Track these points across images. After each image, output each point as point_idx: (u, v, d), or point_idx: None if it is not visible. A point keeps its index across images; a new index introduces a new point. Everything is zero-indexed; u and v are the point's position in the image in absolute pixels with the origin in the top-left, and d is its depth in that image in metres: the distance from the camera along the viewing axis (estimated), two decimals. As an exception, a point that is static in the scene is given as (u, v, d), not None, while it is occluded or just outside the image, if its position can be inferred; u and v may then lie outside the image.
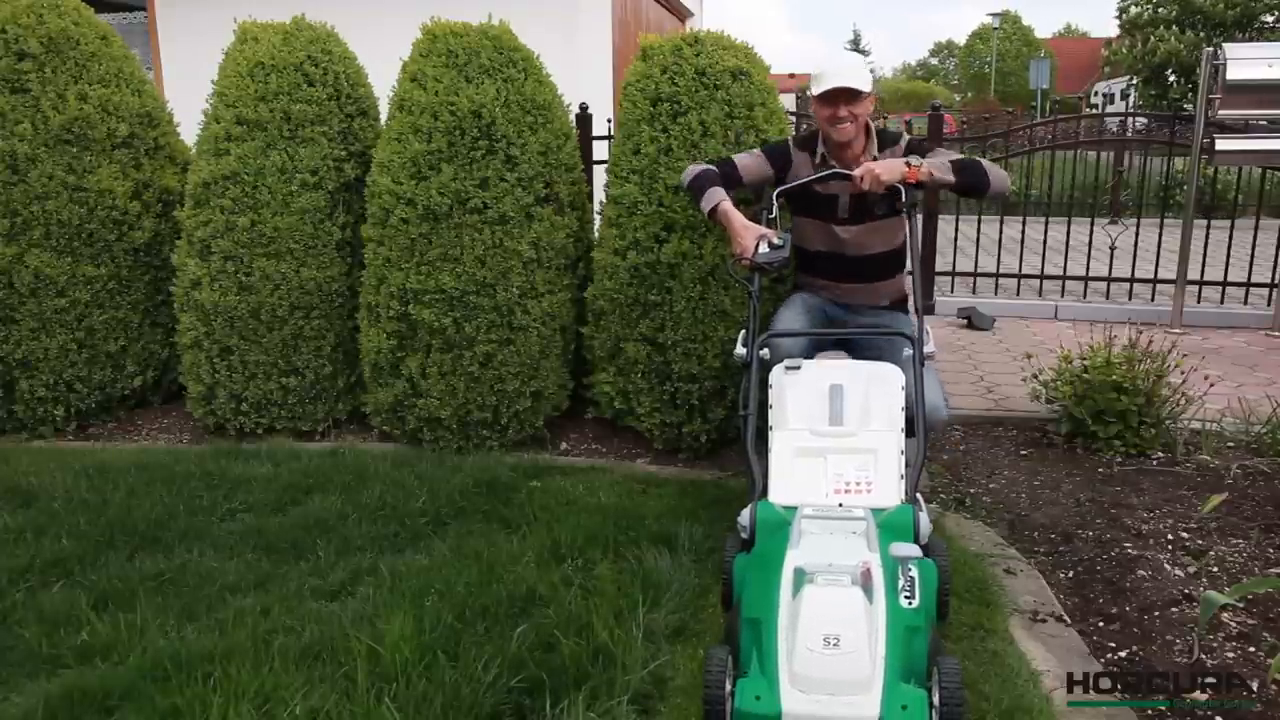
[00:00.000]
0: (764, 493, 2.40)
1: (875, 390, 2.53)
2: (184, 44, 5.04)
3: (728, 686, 1.90)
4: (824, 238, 3.13)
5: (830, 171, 2.98)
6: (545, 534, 2.78)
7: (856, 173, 2.81)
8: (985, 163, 2.95)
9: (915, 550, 2.06)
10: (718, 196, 2.96)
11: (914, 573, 2.08)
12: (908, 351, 2.64)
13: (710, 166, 3.07)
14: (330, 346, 3.88)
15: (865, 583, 1.94)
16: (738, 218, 2.89)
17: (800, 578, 1.97)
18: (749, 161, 3.12)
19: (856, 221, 3.07)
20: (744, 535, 2.36)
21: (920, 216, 2.94)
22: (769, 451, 2.49)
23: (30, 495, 3.18)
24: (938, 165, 2.85)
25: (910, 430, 2.53)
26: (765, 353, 2.73)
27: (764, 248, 2.79)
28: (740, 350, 2.82)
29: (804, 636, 1.87)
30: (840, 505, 2.33)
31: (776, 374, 2.62)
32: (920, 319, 2.81)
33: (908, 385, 2.56)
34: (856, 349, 2.97)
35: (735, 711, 1.85)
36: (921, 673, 1.92)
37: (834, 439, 2.46)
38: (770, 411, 2.57)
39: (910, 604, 2.03)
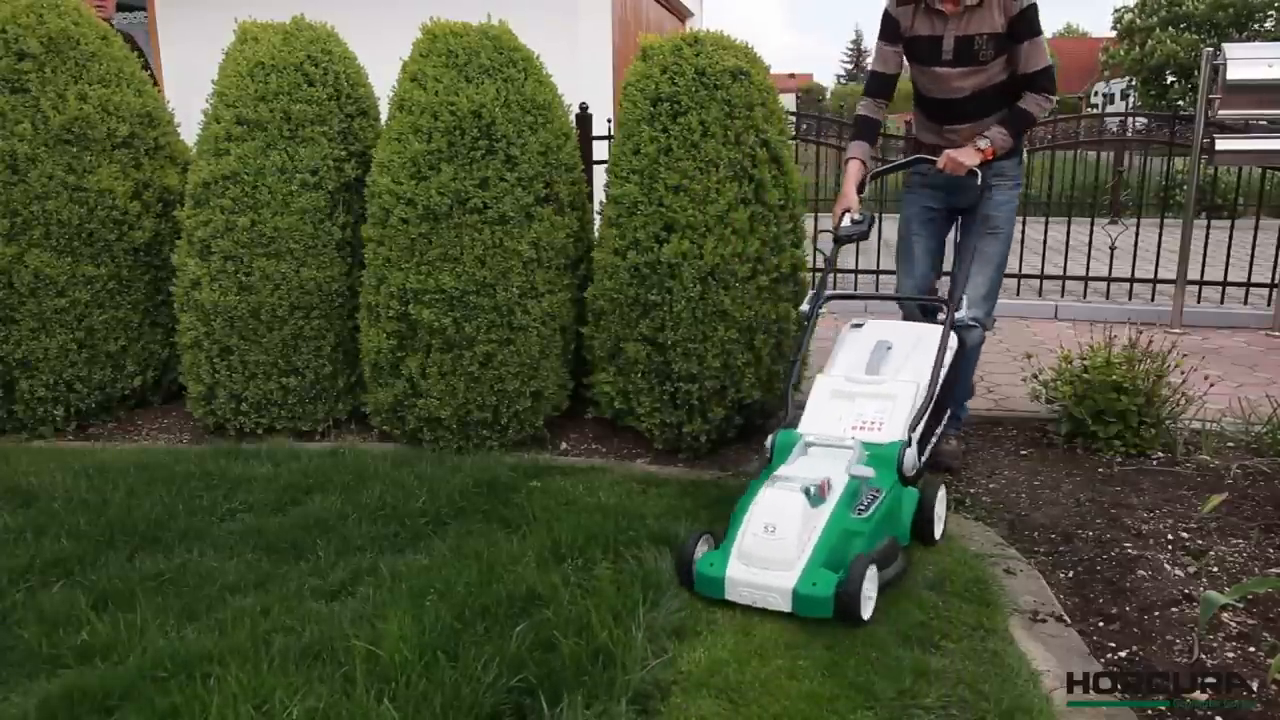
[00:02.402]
0: (792, 424, 2.90)
1: (919, 350, 3.01)
2: (184, 44, 5.04)
3: (696, 555, 2.52)
4: (930, 81, 3.41)
5: (915, 157, 3.49)
6: (545, 534, 2.78)
7: (940, 162, 3.24)
8: (1029, 110, 3.27)
9: (868, 471, 2.58)
10: (852, 152, 3.46)
11: (877, 492, 2.60)
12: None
13: (867, 109, 3.51)
14: (330, 346, 3.88)
15: (822, 493, 2.49)
16: (845, 185, 3.39)
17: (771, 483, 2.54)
18: (882, 65, 3.48)
19: (958, 65, 3.31)
20: (767, 456, 2.82)
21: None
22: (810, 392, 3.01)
23: (30, 495, 3.17)
24: (999, 137, 3.25)
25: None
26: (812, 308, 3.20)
27: (846, 221, 3.27)
28: (804, 307, 3.24)
29: (752, 524, 2.47)
30: (851, 438, 2.75)
31: (842, 330, 3.22)
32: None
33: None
34: (950, 194, 3.46)
35: (696, 574, 2.48)
36: (862, 545, 2.48)
37: (865, 385, 2.95)
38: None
39: (860, 515, 2.53)
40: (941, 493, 2.89)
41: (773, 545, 2.42)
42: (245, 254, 3.74)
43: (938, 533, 2.84)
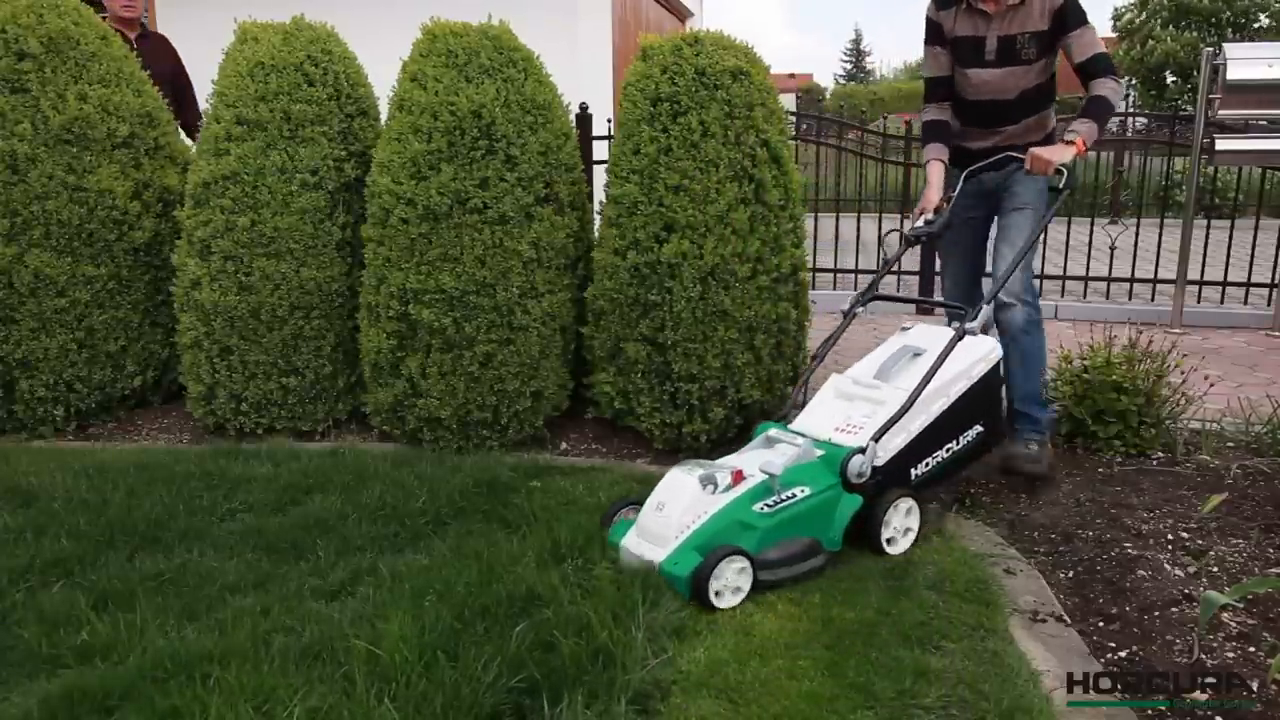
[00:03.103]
0: (785, 418, 3.01)
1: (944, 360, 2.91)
2: (184, 44, 5.05)
3: (614, 520, 2.74)
4: (974, 85, 3.41)
5: (1003, 156, 3.40)
6: (545, 534, 2.78)
7: (1028, 163, 3.22)
8: (1105, 96, 3.21)
9: (775, 468, 2.59)
10: (931, 153, 3.47)
11: (800, 491, 2.61)
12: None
13: (942, 112, 3.50)
14: (330, 346, 3.88)
15: (734, 482, 2.59)
16: (929, 186, 3.41)
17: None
18: (935, 67, 3.49)
19: (1002, 65, 3.32)
20: None
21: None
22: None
23: (30, 495, 3.17)
24: (1087, 129, 3.18)
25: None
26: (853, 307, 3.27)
27: (920, 221, 3.35)
28: (844, 306, 3.31)
29: (652, 500, 2.62)
30: (830, 439, 2.81)
31: (896, 332, 3.23)
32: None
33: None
34: (989, 198, 3.50)
35: (608, 540, 2.68)
36: (748, 546, 2.50)
37: (865, 389, 2.96)
38: None
39: (763, 510, 2.56)
40: (905, 505, 2.75)
41: (659, 521, 2.55)
42: (245, 254, 3.74)
43: (889, 545, 2.72)
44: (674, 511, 2.54)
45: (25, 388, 3.93)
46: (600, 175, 4.18)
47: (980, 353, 2.98)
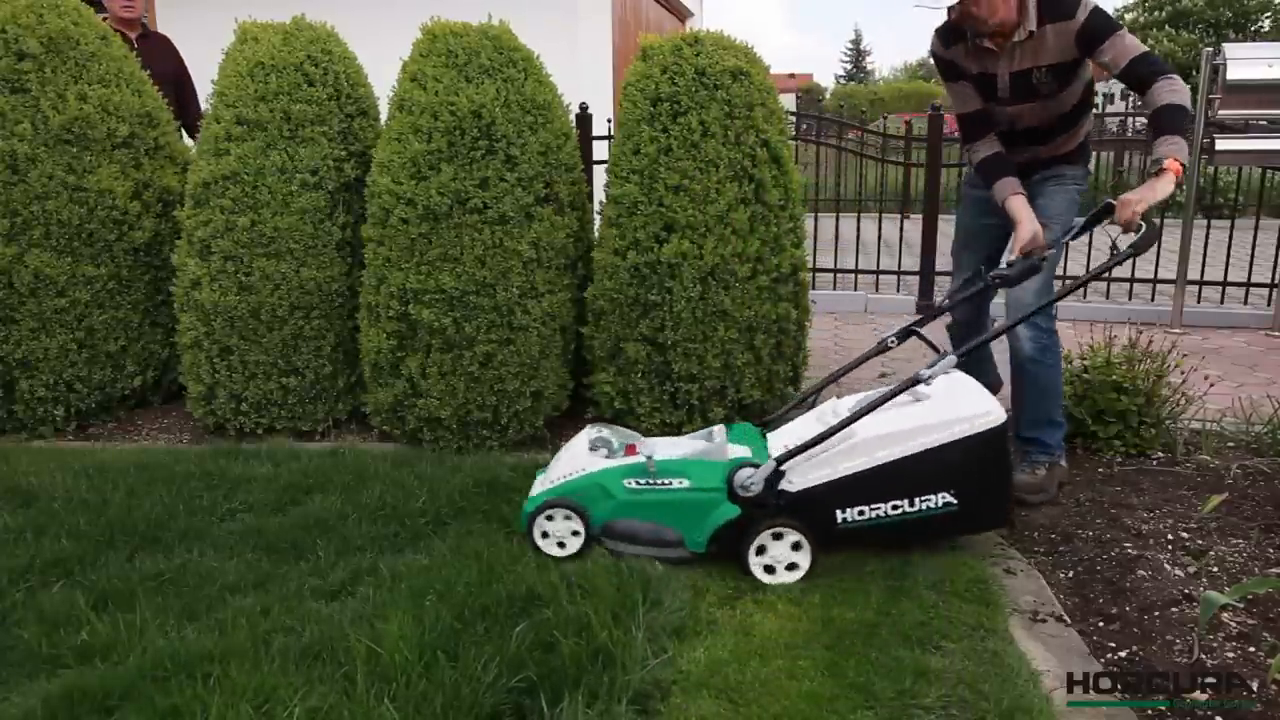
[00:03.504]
0: (766, 424, 3.02)
1: (922, 401, 2.72)
2: (184, 44, 5.05)
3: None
4: (1001, 115, 3.19)
5: (1103, 206, 2.86)
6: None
7: (1120, 216, 2.68)
8: (1173, 103, 2.74)
9: (655, 452, 2.72)
10: (1009, 188, 3.07)
11: (677, 480, 2.67)
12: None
13: (991, 146, 3.17)
14: (330, 346, 3.88)
15: (627, 453, 2.78)
16: (1024, 216, 2.99)
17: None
18: (962, 104, 3.21)
19: (1020, 101, 3.11)
20: None
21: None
22: None
23: (30, 495, 3.17)
24: (1171, 148, 2.67)
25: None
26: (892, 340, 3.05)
27: (1004, 261, 3.01)
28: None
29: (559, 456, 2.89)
30: (770, 453, 2.78)
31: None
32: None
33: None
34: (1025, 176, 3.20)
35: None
36: (595, 515, 2.70)
37: (833, 417, 2.77)
38: None
39: (629, 485, 2.68)
40: (793, 539, 2.60)
41: (549, 469, 2.87)
42: (245, 254, 3.74)
43: (763, 572, 2.60)
44: (561, 463, 2.82)
45: (25, 388, 3.93)
46: (600, 175, 4.19)
47: (965, 412, 2.63)
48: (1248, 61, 5.46)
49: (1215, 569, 2.70)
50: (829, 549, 2.68)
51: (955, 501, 2.62)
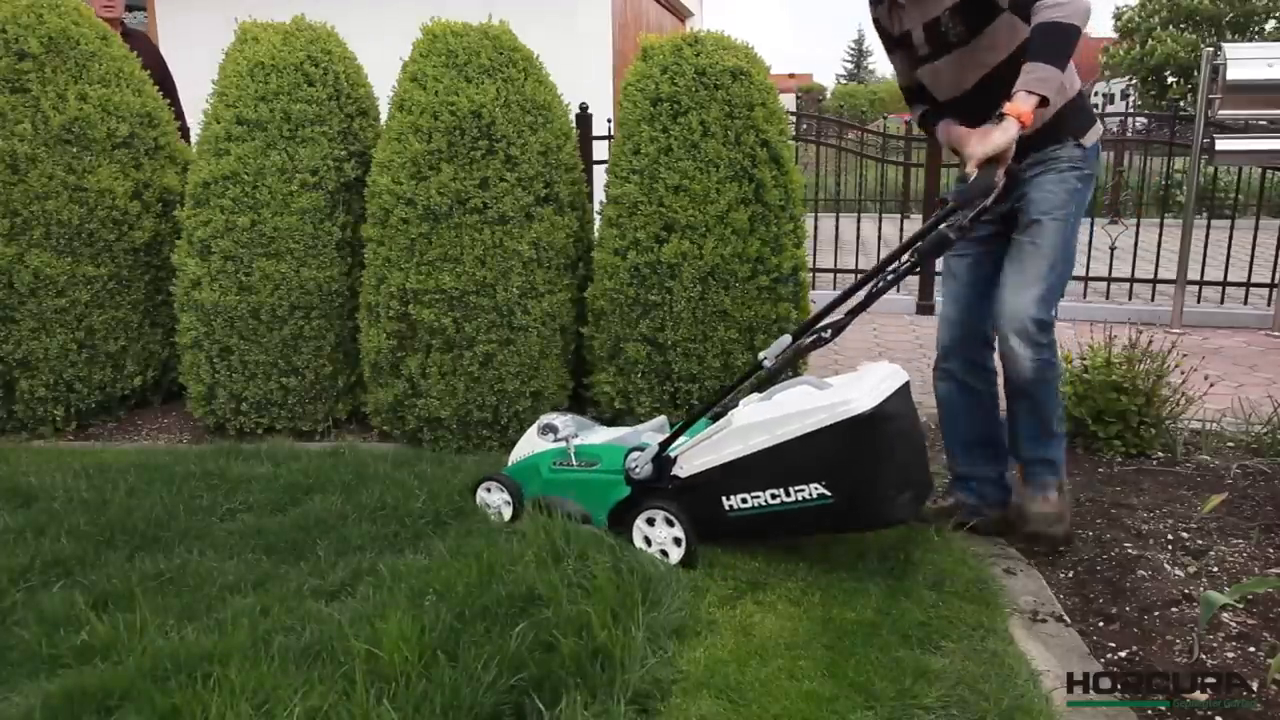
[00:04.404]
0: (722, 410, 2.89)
1: (799, 401, 2.65)
2: (184, 44, 5.05)
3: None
4: (932, 85, 2.76)
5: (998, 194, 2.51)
6: (545, 534, 2.78)
7: (969, 165, 2.43)
8: (1051, 21, 2.34)
9: (575, 438, 2.96)
10: (946, 125, 2.75)
11: (590, 463, 2.90)
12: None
13: (920, 108, 2.88)
14: (330, 346, 3.88)
15: (558, 437, 2.97)
16: (961, 134, 2.60)
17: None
18: (901, 76, 2.89)
19: (939, 55, 2.67)
20: None
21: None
22: None
23: (30, 495, 3.17)
24: (1041, 82, 2.34)
25: None
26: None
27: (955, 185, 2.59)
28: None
29: None
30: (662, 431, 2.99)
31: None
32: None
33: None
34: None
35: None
36: (528, 491, 2.98)
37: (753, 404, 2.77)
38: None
39: (553, 466, 2.93)
40: (663, 517, 2.71)
41: (514, 452, 3.16)
42: (245, 254, 3.74)
43: (637, 543, 2.74)
44: (519, 446, 3.12)
45: (25, 388, 3.93)
46: (600, 175, 4.18)
47: (825, 402, 2.56)
48: (1248, 61, 5.46)
49: (1215, 569, 2.70)
50: (723, 538, 2.75)
51: (829, 494, 2.56)
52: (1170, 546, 2.85)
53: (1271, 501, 3.14)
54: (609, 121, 5.56)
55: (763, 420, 2.62)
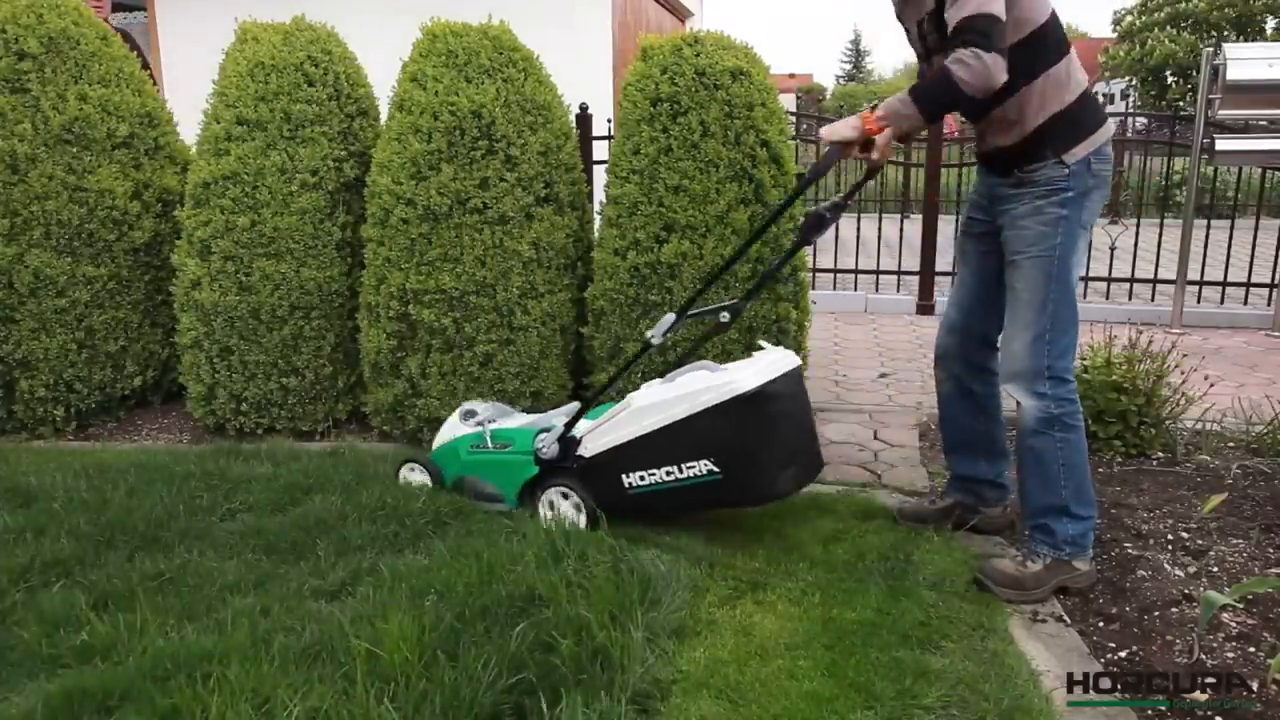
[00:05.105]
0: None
1: (693, 383, 2.78)
2: (184, 44, 5.05)
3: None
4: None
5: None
6: (544, 534, 2.78)
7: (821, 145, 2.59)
8: (943, 68, 2.33)
9: (491, 423, 3.15)
10: None
11: (504, 445, 3.06)
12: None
13: None
14: (330, 346, 3.88)
15: (477, 422, 3.16)
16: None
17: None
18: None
19: (930, 56, 2.58)
20: None
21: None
22: None
23: (30, 495, 3.17)
24: (891, 104, 2.44)
25: None
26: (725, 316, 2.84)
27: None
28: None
29: None
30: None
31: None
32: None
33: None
34: (991, 205, 2.67)
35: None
36: (448, 473, 3.17)
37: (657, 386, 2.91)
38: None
39: (471, 449, 3.10)
40: (562, 491, 2.94)
41: (438, 436, 3.30)
42: (245, 254, 3.74)
43: (544, 520, 2.92)
44: (442, 430, 3.26)
45: (25, 388, 3.93)
46: (600, 175, 4.18)
47: (713, 382, 2.70)
48: (1248, 61, 5.46)
49: (1215, 569, 2.70)
50: (625, 513, 2.88)
51: (718, 470, 2.70)
52: (1170, 546, 2.85)
53: (1271, 501, 3.14)
54: (609, 121, 5.56)
55: (657, 401, 2.78)
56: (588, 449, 2.91)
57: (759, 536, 2.87)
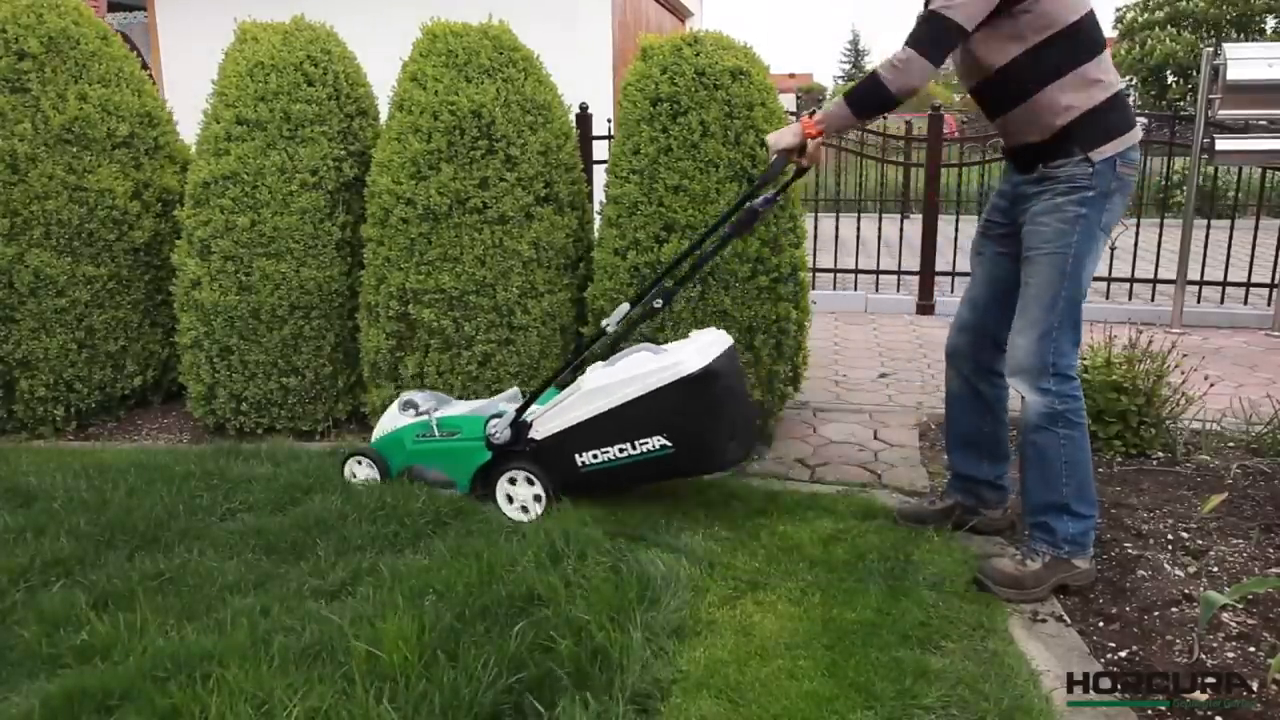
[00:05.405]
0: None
1: (639, 365, 2.93)
2: (184, 44, 5.05)
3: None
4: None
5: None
6: (544, 534, 2.78)
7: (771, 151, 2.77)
8: (873, 72, 2.48)
9: (434, 411, 3.19)
10: None
11: (452, 433, 3.13)
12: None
13: None
14: (330, 346, 3.88)
15: (418, 412, 3.22)
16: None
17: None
18: None
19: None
20: None
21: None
22: None
23: (30, 495, 3.17)
24: (830, 108, 2.59)
25: None
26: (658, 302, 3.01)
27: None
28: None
29: None
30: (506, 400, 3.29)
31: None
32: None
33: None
34: (1012, 205, 2.68)
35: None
36: (393, 463, 3.23)
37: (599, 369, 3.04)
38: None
39: (417, 439, 3.17)
40: (524, 476, 3.03)
41: (376, 427, 3.36)
42: (245, 254, 3.74)
43: (517, 511, 3.05)
44: (382, 421, 3.32)
45: (25, 388, 3.93)
46: (600, 175, 4.18)
47: (661, 364, 2.86)
48: (1248, 61, 5.46)
49: (1215, 569, 2.70)
50: (578, 491, 3.01)
51: (670, 444, 2.88)
52: (1170, 546, 2.85)
53: (1271, 501, 3.14)
54: (609, 121, 5.56)
55: (607, 384, 2.91)
56: (539, 432, 3.03)
57: (759, 536, 2.87)
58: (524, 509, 3.05)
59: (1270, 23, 24.87)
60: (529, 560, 2.63)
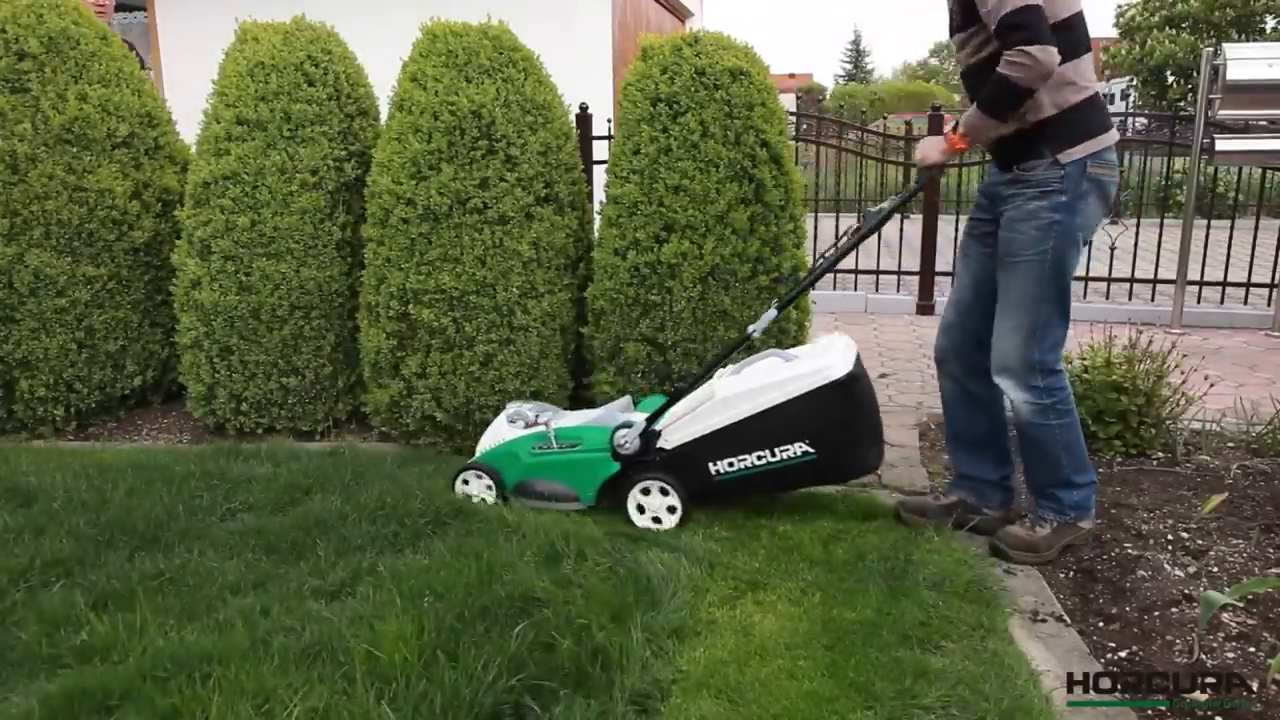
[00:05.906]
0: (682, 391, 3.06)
1: (782, 365, 2.94)
2: (184, 44, 5.05)
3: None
4: None
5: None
6: (544, 534, 2.78)
7: (916, 154, 2.81)
8: (998, 74, 2.43)
9: (553, 422, 3.11)
10: None
11: (572, 445, 3.03)
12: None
13: None
14: (330, 346, 3.88)
15: (529, 424, 3.13)
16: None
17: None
18: None
19: (954, 32, 2.66)
20: None
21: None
22: None
23: (30, 495, 3.17)
24: (968, 117, 2.58)
25: None
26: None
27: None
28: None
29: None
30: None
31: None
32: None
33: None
34: (993, 203, 2.76)
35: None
36: (507, 477, 3.10)
37: (715, 381, 3.03)
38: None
39: (532, 450, 3.06)
40: (658, 487, 2.94)
41: (481, 441, 3.26)
42: (245, 254, 3.74)
43: (649, 520, 2.96)
44: (487, 435, 3.23)
45: (25, 388, 3.93)
46: (600, 175, 4.18)
47: (804, 370, 2.85)
48: (1248, 61, 5.46)
49: (1215, 569, 2.70)
50: (711, 500, 2.99)
51: (813, 451, 2.87)
52: (1170, 546, 2.85)
53: (1271, 501, 3.14)
54: (609, 121, 5.56)
55: (744, 390, 2.87)
56: (668, 441, 2.97)
57: (759, 536, 2.87)
58: (656, 519, 2.95)
59: (1270, 23, 24.86)
60: (529, 560, 2.63)
